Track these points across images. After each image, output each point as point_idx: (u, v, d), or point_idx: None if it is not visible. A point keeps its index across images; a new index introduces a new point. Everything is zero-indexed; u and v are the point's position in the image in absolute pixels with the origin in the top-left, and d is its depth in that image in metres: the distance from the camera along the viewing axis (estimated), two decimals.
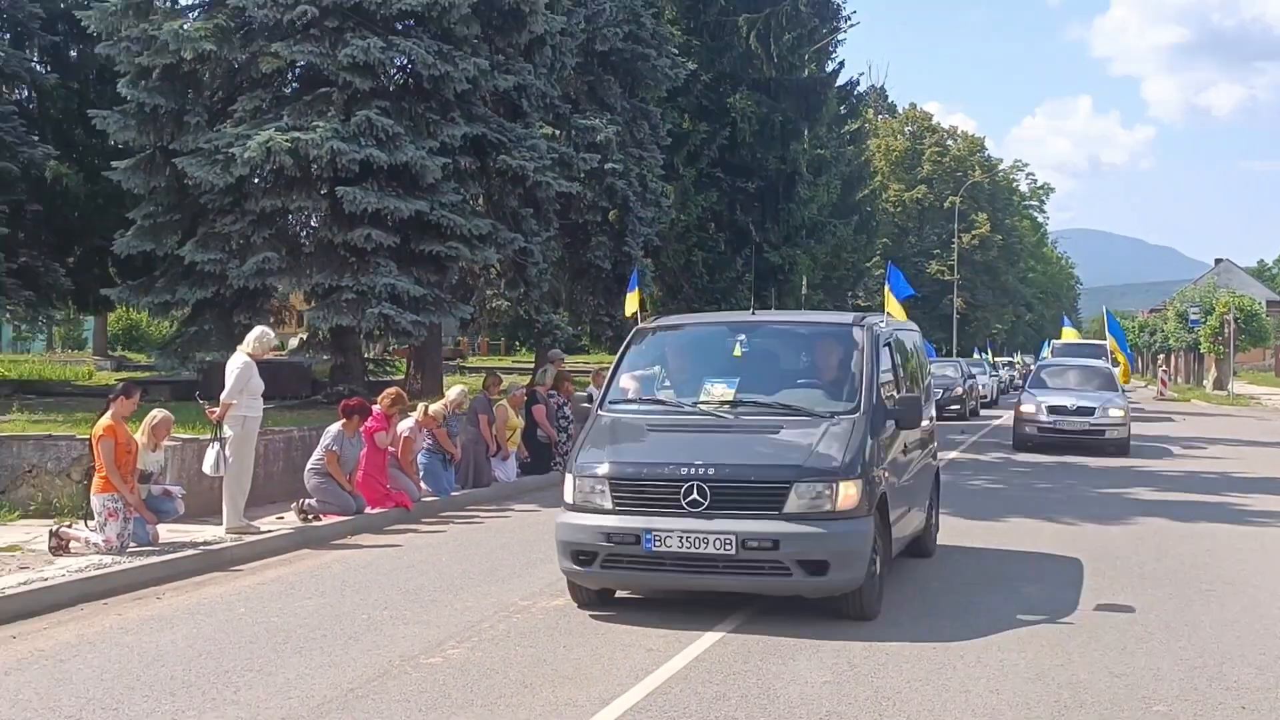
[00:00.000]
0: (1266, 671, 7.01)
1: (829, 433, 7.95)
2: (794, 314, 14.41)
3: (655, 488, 7.74)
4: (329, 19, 15.63)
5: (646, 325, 9.70)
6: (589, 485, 7.93)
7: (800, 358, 9.29)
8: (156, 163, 16.97)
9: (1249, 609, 8.74)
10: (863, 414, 8.17)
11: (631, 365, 9.17)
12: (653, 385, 9.07)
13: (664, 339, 9.63)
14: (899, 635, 7.73)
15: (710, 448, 7.91)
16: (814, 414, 8.21)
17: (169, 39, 15.56)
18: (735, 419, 8.27)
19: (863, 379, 8.46)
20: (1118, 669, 6.98)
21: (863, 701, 6.33)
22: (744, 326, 9.38)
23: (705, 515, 7.56)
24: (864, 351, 8.66)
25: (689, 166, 27.70)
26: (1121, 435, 21.82)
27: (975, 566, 10.30)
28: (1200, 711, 6.24)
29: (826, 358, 9.07)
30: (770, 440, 8.03)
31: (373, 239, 15.74)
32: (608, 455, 8.09)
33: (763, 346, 9.24)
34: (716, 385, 8.59)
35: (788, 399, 8.50)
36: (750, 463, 7.81)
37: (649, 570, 7.76)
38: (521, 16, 17.06)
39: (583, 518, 7.88)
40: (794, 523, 7.53)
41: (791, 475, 7.63)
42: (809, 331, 9.72)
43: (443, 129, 16.33)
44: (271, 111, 16.28)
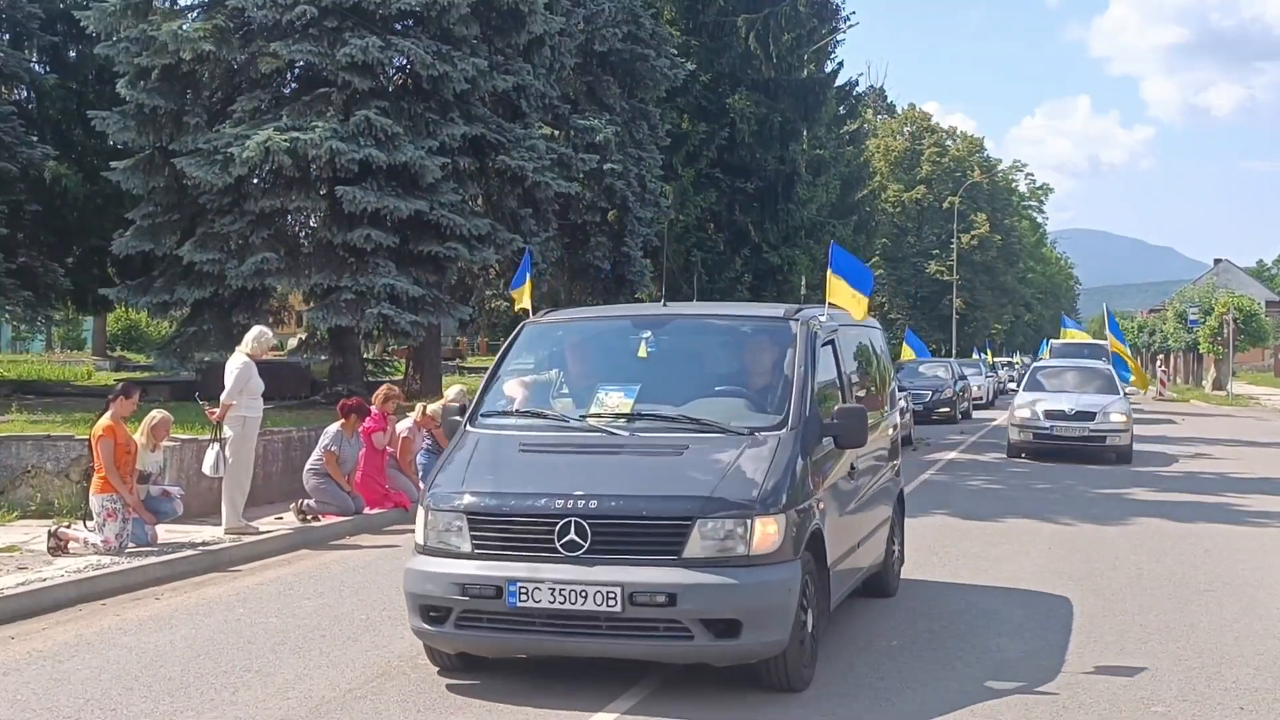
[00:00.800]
0: (1265, 672, 7.02)
1: (747, 454, 6.36)
2: (715, 306, 12.21)
3: (523, 526, 6.15)
4: (328, 19, 15.63)
5: (536, 319, 8.09)
6: (443, 522, 6.30)
7: (720, 359, 7.61)
8: (155, 163, 16.96)
9: (1247, 609, 8.74)
10: (791, 430, 6.54)
11: (518, 368, 7.61)
12: (547, 394, 7.38)
13: (558, 336, 7.99)
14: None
15: (595, 474, 6.34)
16: (730, 430, 6.58)
17: (168, 39, 15.56)
18: (630, 437, 6.63)
19: (794, 386, 6.82)
20: (1116, 669, 6.98)
21: (861, 701, 6.33)
22: (651, 321, 7.66)
23: (585, 561, 5.97)
24: (798, 352, 7.03)
25: (688, 167, 27.70)
26: (1123, 442, 20.28)
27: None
28: (1199, 712, 6.24)
29: (752, 359, 7.49)
30: (672, 464, 6.39)
31: (372, 239, 15.75)
32: (467, 484, 6.45)
33: (675, 345, 7.57)
34: (611, 394, 6.93)
35: (699, 411, 6.80)
36: (643, 493, 6.16)
37: (514, 631, 6.10)
38: (521, 17, 17.06)
39: (435, 563, 6.27)
40: (697, 570, 5.91)
41: (694, 509, 6.00)
42: (731, 327, 7.92)
43: (442, 129, 16.34)
44: (270, 112, 16.28)
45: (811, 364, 7.04)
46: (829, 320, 7.86)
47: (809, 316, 7.54)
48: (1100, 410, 20.38)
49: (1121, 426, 20.26)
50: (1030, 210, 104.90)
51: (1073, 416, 20.33)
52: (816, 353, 7.23)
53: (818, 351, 7.26)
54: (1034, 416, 20.64)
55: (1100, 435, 20.21)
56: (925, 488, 16.66)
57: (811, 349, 7.16)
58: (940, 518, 13.46)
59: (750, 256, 29.04)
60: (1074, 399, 20.94)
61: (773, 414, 6.75)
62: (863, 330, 9.04)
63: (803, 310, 7.69)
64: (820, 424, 6.83)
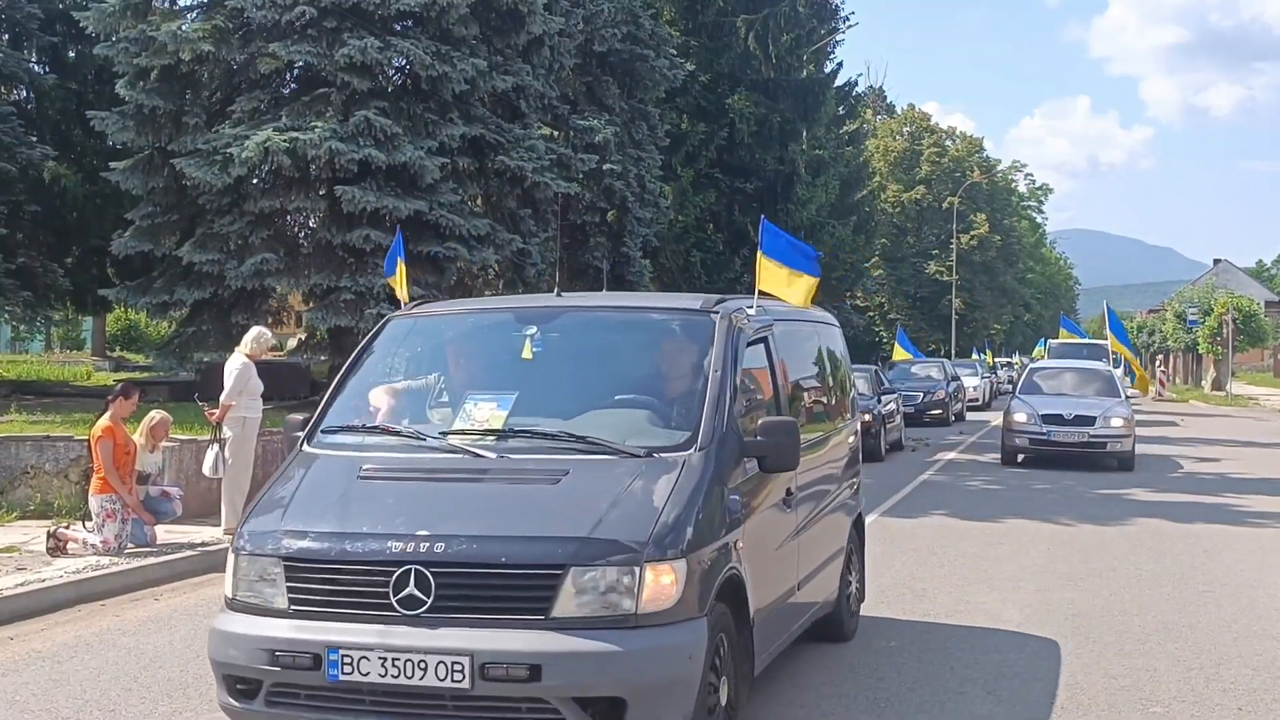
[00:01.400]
0: (1263, 672, 7.02)
1: (642, 482, 5.08)
2: (622, 296, 9.79)
3: (351, 576, 4.86)
4: (327, 19, 15.64)
5: (403, 312, 6.74)
6: (256, 569, 5.03)
7: (622, 361, 6.20)
8: (155, 163, 16.98)
9: (1247, 609, 8.74)
10: (701, 450, 5.24)
11: (381, 370, 6.26)
12: (424, 403, 6.03)
13: (429, 332, 6.60)
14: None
15: (446, 509, 5.06)
16: (623, 451, 5.25)
17: (167, 40, 15.58)
18: (497, 460, 5.31)
19: (708, 396, 5.48)
20: (1115, 670, 6.99)
21: (860, 702, 6.34)
22: (539, 314, 6.39)
23: (426, 621, 4.70)
24: (716, 353, 5.69)
25: (687, 167, 27.71)
26: (1125, 448, 19.05)
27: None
28: (1197, 712, 6.24)
29: (660, 362, 6.12)
30: (545, 495, 5.09)
31: (371, 239, 15.76)
32: (287, 521, 5.16)
33: (567, 344, 6.22)
34: (481, 405, 5.64)
35: (589, 426, 5.45)
36: (503, 533, 4.85)
37: (336, 711, 4.84)
38: (520, 17, 17.08)
39: (243, 623, 5.00)
40: (569, 634, 4.62)
41: (567, 554, 4.70)
42: (637, 322, 6.46)
43: (441, 129, 16.35)
44: (270, 112, 16.29)
45: (732, 367, 5.69)
46: (760, 313, 6.43)
47: (733, 309, 6.12)
48: (1100, 414, 19.13)
49: (1123, 432, 19.05)
50: (1029, 210, 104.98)
51: (1071, 421, 19.10)
52: (740, 354, 5.86)
53: (742, 352, 5.89)
54: (1030, 421, 19.43)
55: (1100, 441, 19.01)
56: (924, 488, 16.67)
57: (733, 349, 5.79)
58: (939, 518, 13.47)
59: (749, 257, 28.98)
60: (1072, 402, 19.80)
61: (680, 430, 5.39)
62: (811, 326, 7.68)
63: (726, 301, 6.24)
64: (740, 442, 5.49)
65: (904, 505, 14.58)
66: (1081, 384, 21.06)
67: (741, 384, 5.79)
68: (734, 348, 5.81)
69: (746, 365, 5.98)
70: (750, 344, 6.09)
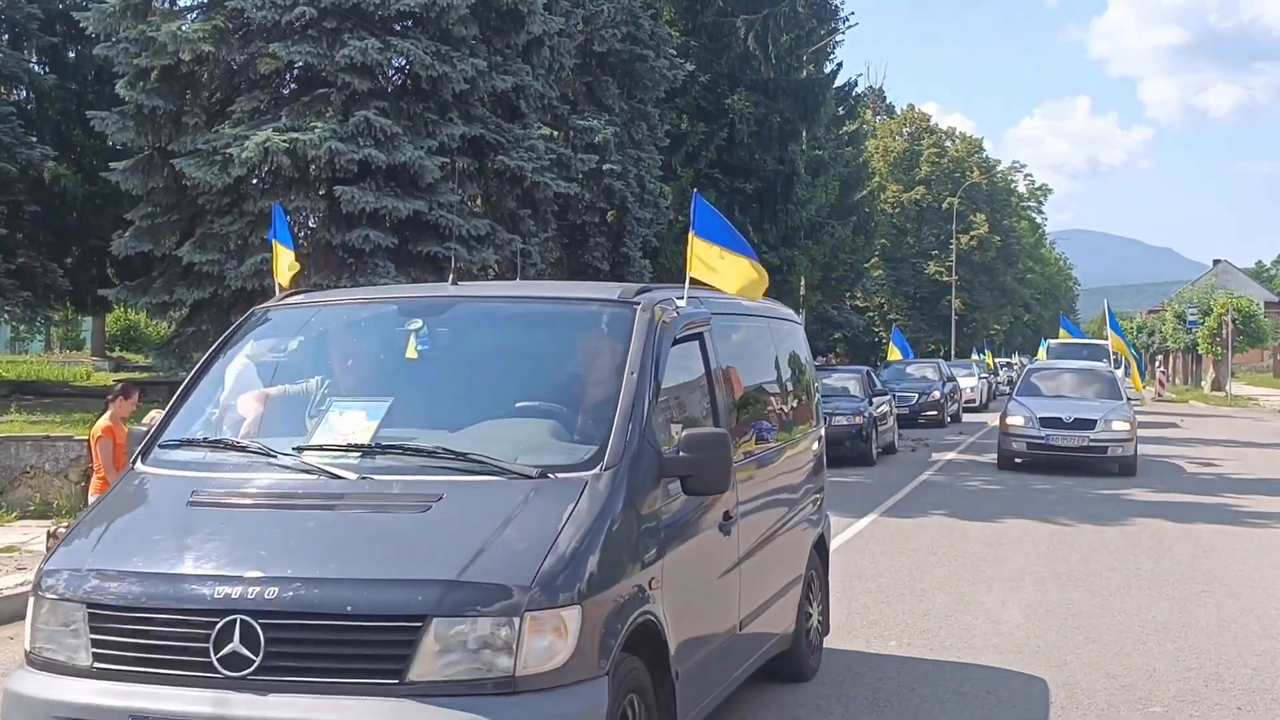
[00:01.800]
0: (1262, 672, 7.03)
1: (532, 510, 4.18)
2: (529, 286, 8.02)
3: (165, 627, 3.96)
4: (327, 20, 15.64)
5: (272, 303, 5.71)
6: (58, 616, 4.15)
7: (524, 362, 5.23)
8: (155, 163, 16.97)
9: (1246, 609, 8.76)
10: (609, 470, 4.36)
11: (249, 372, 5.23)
12: (303, 412, 5.00)
13: (300, 327, 5.55)
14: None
15: (286, 545, 4.13)
16: (511, 471, 4.34)
17: (167, 40, 15.57)
18: (358, 482, 4.38)
19: (620, 404, 4.56)
20: (1114, 670, 6.99)
21: (860, 701, 6.35)
22: (427, 305, 5.41)
23: (254, 686, 3.82)
24: (635, 353, 4.77)
25: (687, 167, 27.69)
26: (1127, 453, 18.34)
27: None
28: (1196, 712, 6.25)
29: (567, 363, 5.21)
30: (409, 527, 4.19)
31: (370, 239, 15.76)
32: (96, 558, 4.25)
33: (460, 342, 5.32)
34: (347, 413, 4.77)
35: (474, 440, 4.53)
36: (350, 575, 3.95)
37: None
38: (520, 17, 17.08)
39: (39, 684, 4.11)
40: (429, 702, 3.78)
41: (429, 601, 3.81)
42: (541, 316, 5.46)
43: (441, 129, 16.35)
44: (270, 112, 16.29)
45: (653, 370, 4.77)
46: (693, 306, 5.50)
47: (658, 300, 5.16)
48: (1101, 418, 18.41)
49: (1124, 436, 18.33)
50: (1029, 211, 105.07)
51: (1071, 425, 18.36)
52: (664, 353, 4.93)
53: (666, 351, 4.95)
54: (1028, 424, 18.66)
55: (1101, 445, 18.32)
56: (924, 488, 16.69)
57: (655, 348, 4.86)
58: (939, 518, 13.47)
59: None
60: (1072, 405, 19.00)
61: (586, 445, 4.50)
62: (762, 322, 6.70)
63: (651, 291, 5.31)
64: (659, 459, 4.59)
65: (903, 505, 14.59)
66: (1081, 385, 20.28)
67: (667, 389, 4.95)
68: (656, 346, 4.88)
69: (674, 367, 5.08)
70: (679, 341, 5.17)
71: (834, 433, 19.34)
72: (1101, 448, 18.36)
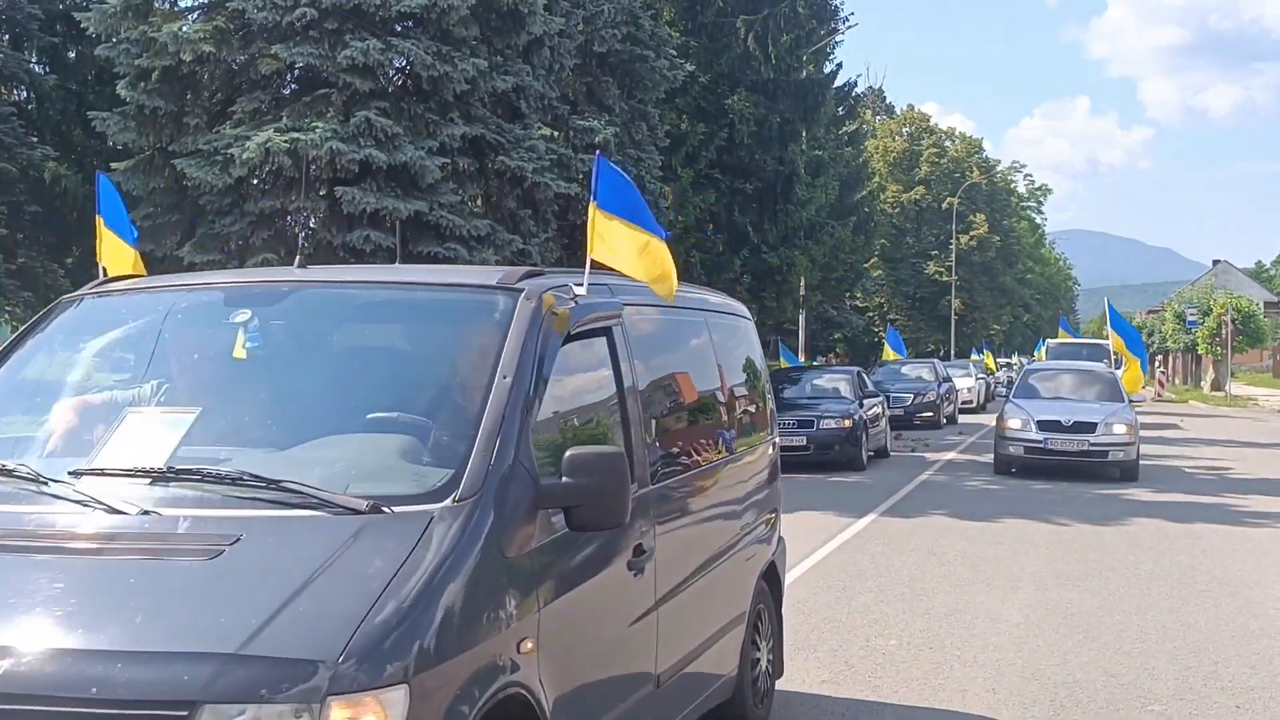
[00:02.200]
0: (1261, 671, 7.06)
1: (354, 556, 3.23)
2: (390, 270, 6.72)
3: None
4: (328, 20, 15.64)
5: (83, 292, 4.66)
6: None
7: (376, 363, 4.24)
8: (156, 164, 16.99)
9: (1245, 609, 8.78)
10: (463, 502, 3.43)
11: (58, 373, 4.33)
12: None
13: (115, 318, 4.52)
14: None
15: (31, 603, 3.15)
16: (335, 504, 3.39)
17: (168, 41, 15.58)
18: (139, 517, 3.42)
19: (487, 417, 3.63)
20: (1114, 668, 7.02)
21: (860, 700, 6.37)
22: (261, 293, 4.44)
23: None
24: (511, 353, 3.83)
25: (687, 167, 27.69)
26: (1128, 457, 17.70)
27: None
28: (1195, 711, 6.28)
29: (432, 364, 4.16)
30: (191, 580, 3.23)
31: (371, 240, 15.77)
32: None
33: (302, 338, 4.31)
34: (144, 426, 3.87)
35: (299, 462, 3.61)
36: (104, 645, 2.98)
37: None
38: (520, 18, 17.08)
39: None
40: None
41: (196, 684, 2.86)
42: (401, 306, 4.42)
43: (442, 129, 16.35)
44: (270, 112, 16.29)
45: (534, 373, 3.82)
46: (599, 295, 4.49)
47: (547, 288, 4.18)
48: (1102, 421, 17.81)
49: (1126, 439, 17.72)
50: (1029, 211, 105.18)
51: (1070, 428, 17.78)
52: (551, 352, 3.97)
53: (554, 350, 3.99)
54: (1025, 427, 18.08)
55: (1101, 449, 17.72)
56: (924, 488, 16.72)
57: (540, 346, 3.90)
58: (939, 518, 13.50)
59: (749, 257, 29.09)
60: (1071, 407, 18.46)
61: (440, 468, 3.55)
62: (697, 316, 5.74)
63: (541, 276, 4.34)
64: (535, 487, 3.61)
65: (903, 505, 14.62)
66: (1081, 387, 19.71)
67: (559, 398, 4.02)
68: (541, 343, 3.91)
69: (569, 369, 4.15)
70: (577, 337, 4.21)
71: (823, 436, 18.64)
72: (1101, 452, 17.76)
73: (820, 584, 9.47)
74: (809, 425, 18.70)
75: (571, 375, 4.22)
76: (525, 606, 3.51)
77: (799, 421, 18.63)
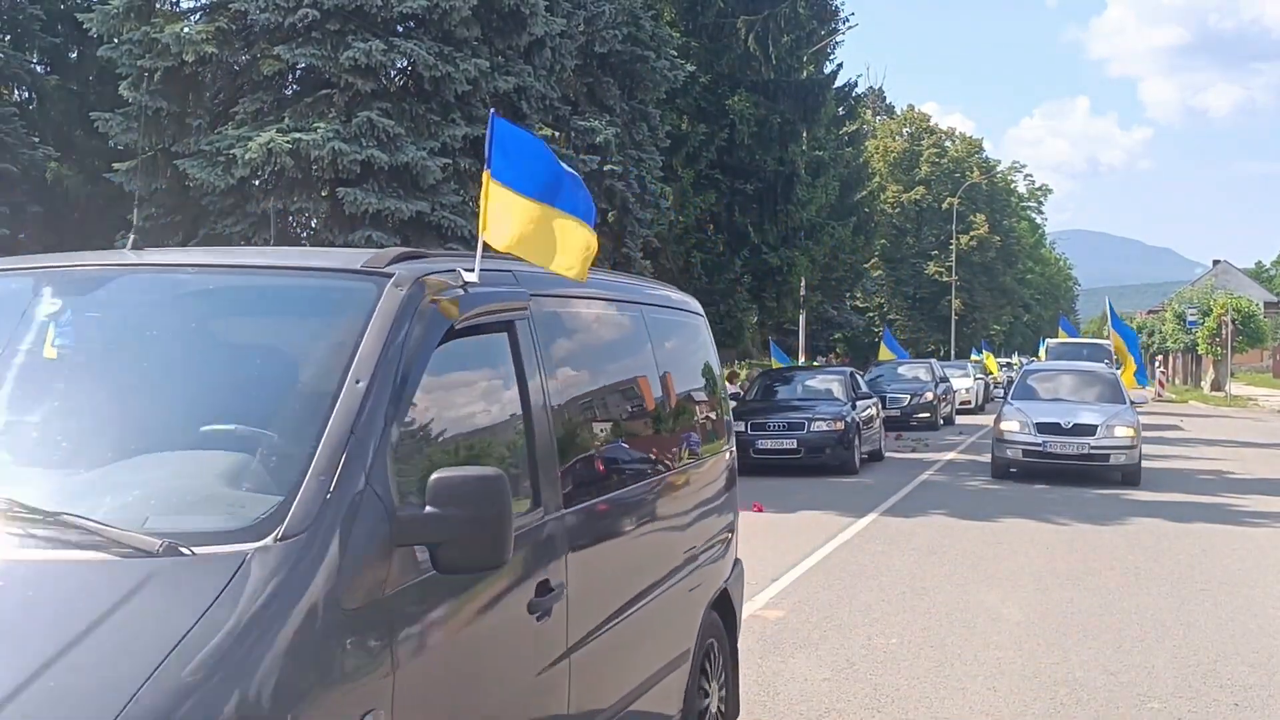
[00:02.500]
0: (1260, 669, 7.10)
1: (133, 611, 2.47)
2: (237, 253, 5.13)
3: None
4: (330, 21, 15.66)
5: None
6: None
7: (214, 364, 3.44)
8: (158, 165, 17.03)
9: (1244, 608, 8.82)
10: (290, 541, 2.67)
11: None
12: None
13: None
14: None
15: None
16: (122, 543, 2.61)
17: (170, 42, 15.63)
18: None
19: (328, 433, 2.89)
20: (1113, 667, 7.06)
21: (861, 698, 6.41)
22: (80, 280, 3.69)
23: None
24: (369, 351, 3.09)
25: (687, 168, 27.72)
26: (1130, 461, 16.97)
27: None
28: (1195, 708, 6.32)
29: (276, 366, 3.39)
30: None
31: (374, 240, 15.78)
32: None
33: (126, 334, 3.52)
34: None
35: (91, 487, 2.94)
36: None
37: None
38: (522, 19, 17.12)
39: None
40: None
41: None
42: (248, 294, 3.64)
43: (444, 130, 16.39)
44: (273, 113, 16.32)
45: (396, 377, 3.10)
46: (494, 282, 3.70)
47: (426, 272, 3.41)
48: (1103, 423, 17.08)
49: (1127, 443, 16.98)
50: (1029, 211, 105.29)
51: (1069, 430, 17.10)
52: (423, 352, 3.23)
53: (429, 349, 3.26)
54: (1023, 430, 17.40)
55: (1102, 453, 16.98)
56: (924, 488, 16.77)
57: (406, 343, 3.17)
58: (939, 518, 13.54)
59: (750, 257, 29.14)
60: (1071, 409, 17.74)
61: (264, 494, 2.85)
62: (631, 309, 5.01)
63: (417, 260, 3.56)
64: (389, 519, 2.88)
65: (904, 505, 14.67)
66: (1081, 388, 18.96)
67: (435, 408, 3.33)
68: (412, 341, 3.19)
69: (457, 372, 3.52)
70: (463, 334, 3.44)
71: (814, 439, 18.26)
72: (1102, 455, 16.99)
73: (821, 583, 9.51)
74: (799, 428, 18.43)
75: (458, 379, 3.53)
76: (372, 669, 2.75)
77: (789, 424, 18.46)
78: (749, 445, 17.96)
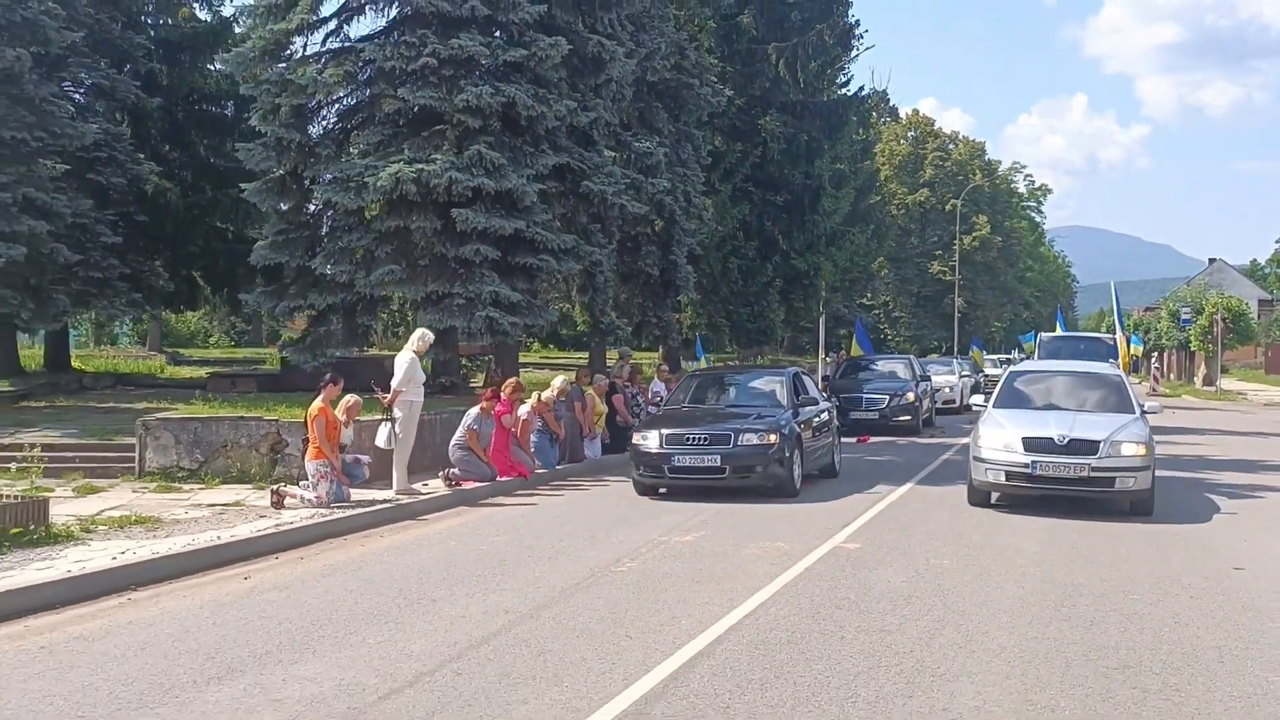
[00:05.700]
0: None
1: None
2: None
3: None
4: (445, 68, 18.40)
5: None
6: None
7: None
8: (287, 186, 19.72)
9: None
10: None
11: None
12: None
13: None
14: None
15: None
16: None
17: (307, 83, 18.34)
18: None
19: None
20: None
21: (929, 593, 9.09)
22: None
23: None
24: None
25: (725, 182, 30.38)
26: (1140, 485, 13.21)
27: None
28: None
29: None
30: None
31: (480, 253, 18.50)
32: None
33: None
34: None
35: None
36: None
37: None
38: (602, 63, 19.84)
39: None
40: None
41: None
42: None
43: (536, 160, 19.12)
44: (392, 144, 19.05)
45: None
46: None
47: None
48: (1107, 439, 13.23)
49: (1138, 463, 13.20)
50: (1029, 210, 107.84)
51: (1064, 448, 13.22)
52: None
53: None
54: (1007, 448, 13.49)
55: (1106, 476, 13.08)
56: (947, 465, 19.25)
57: None
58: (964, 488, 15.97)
59: (779, 263, 31.83)
60: (1067, 420, 13.82)
61: None
62: None
63: None
64: None
65: (934, 476, 17.21)
66: (1080, 393, 15.09)
67: None
68: None
69: None
70: None
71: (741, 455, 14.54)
72: (1106, 480, 13.13)
73: (885, 524, 12.10)
74: (724, 442, 14.66)
75: None
76: None
77: (711, 437, 14.73)
78: (664, 462, 14.68)
